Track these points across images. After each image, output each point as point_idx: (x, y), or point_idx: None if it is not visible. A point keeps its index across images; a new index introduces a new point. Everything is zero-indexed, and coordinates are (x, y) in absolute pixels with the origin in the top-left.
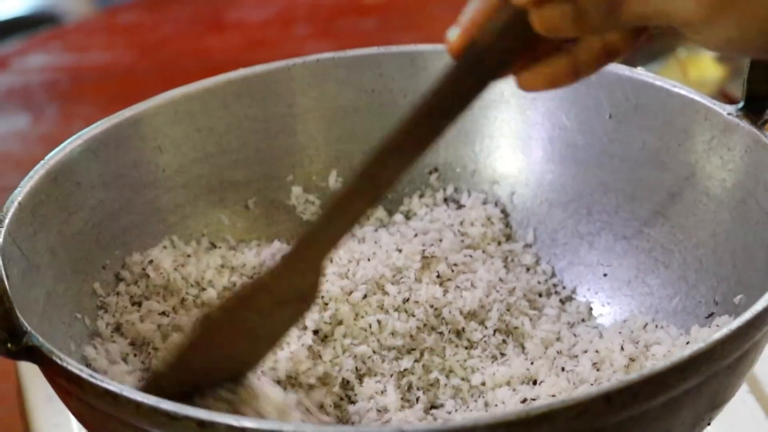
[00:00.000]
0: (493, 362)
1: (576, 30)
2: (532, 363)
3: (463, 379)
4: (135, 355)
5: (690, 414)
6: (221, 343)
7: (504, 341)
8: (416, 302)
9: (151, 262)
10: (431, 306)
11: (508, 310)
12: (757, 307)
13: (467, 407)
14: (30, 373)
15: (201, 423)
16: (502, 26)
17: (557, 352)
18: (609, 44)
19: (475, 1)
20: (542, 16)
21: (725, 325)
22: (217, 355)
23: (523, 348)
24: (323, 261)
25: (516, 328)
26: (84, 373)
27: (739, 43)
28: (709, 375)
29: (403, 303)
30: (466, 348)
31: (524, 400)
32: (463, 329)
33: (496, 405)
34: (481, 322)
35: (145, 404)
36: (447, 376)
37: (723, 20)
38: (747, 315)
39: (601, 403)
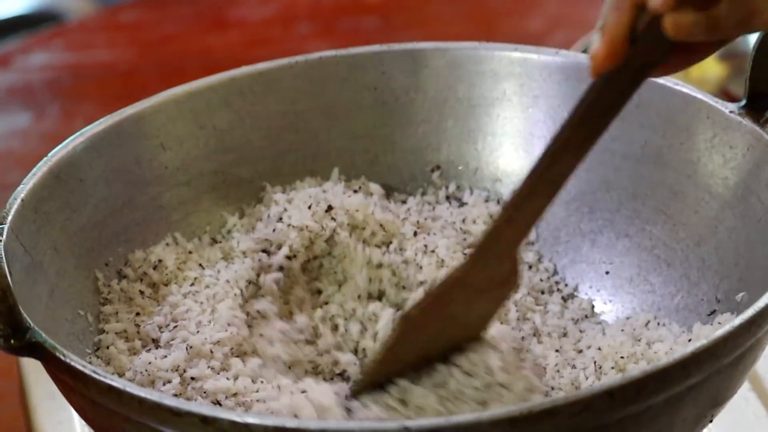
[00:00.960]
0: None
1: (707, 36)
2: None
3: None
4: (137, 352)
5: (692, 411)
6: (425, 335)
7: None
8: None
9: (160, 261)
10: None
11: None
12: (760, 304)
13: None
14: (33, 370)
15: (204, 419)
16: (645, 32)
17: (560, 347)
18: (725, 38)
19: (611, 13)
20: (676, 23)
21: (727, 323)
22: (422, 345)
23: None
24: (515, 251)
25: (527, 320)
26: (87, 369)
27: None
28: (711, 372)
29: (403, 302)
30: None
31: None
32: None
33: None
34: None
35: (148, 400)
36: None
37: None
38: (749, 312)
39: (603, 399)
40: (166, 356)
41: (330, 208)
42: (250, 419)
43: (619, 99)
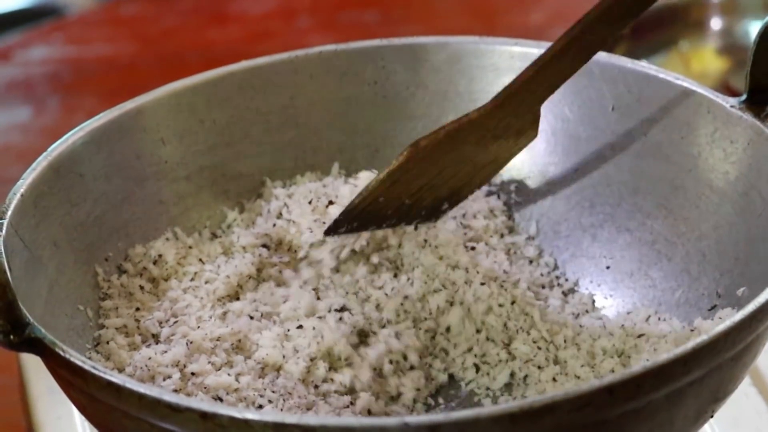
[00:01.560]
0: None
1: None
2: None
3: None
4: (137, 347)
5: (693, 406)
6: (434, 168)
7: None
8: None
9: (160, 256)
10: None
11: (513, 302)
12: (760, 299)
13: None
14: (32, 365)
15: (204, 415)
16: None
17: (560, 342)
18: None
19: None
20: None
21: (728, 318)
22: (430, 178)
23: (529, 333)
24: (539, 106)
25: (527, 314)
26: (86, 364)
27: None
28: (712, 367)
29: (404, 299)
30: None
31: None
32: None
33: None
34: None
35: (148, 396)
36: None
37: None
38: (750, 307)
39: (604, 395)
40: (166, 351)
41: (330, 203)
42: (250, 415)
43: None
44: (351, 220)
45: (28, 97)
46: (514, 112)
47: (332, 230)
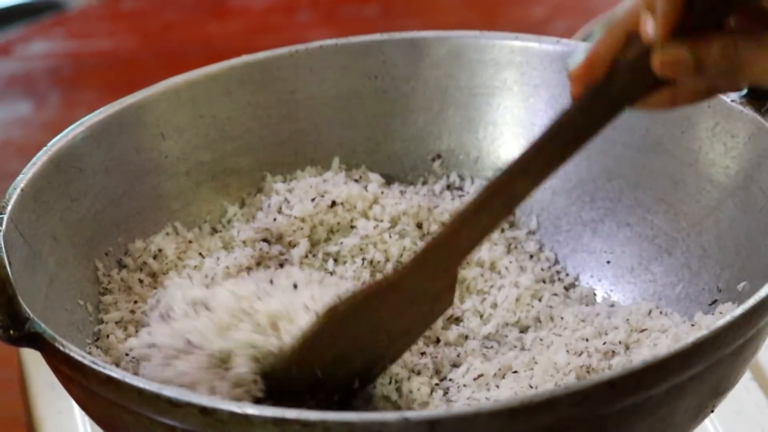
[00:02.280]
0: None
1: (692, 78)
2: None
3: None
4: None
5: (693, 401)
6: (349, 336)
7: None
8: None
9: (160, 251)
10: None
11: (517, 299)
12: (761, 294)
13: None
14: (32, 360)
15: (203, 410)
16: (630, 62)
17: (561, 337)
18: (714, 87)
19: (601, 35)
20: (664, 58)
21: (729, 312)
22: (344, 347)
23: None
24: (456, 268)
25: (530, 309)
26: (86, 359)
27: None
28: (712, 362)
29: None
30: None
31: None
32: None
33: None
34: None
35: (148, 391)
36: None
37: None
38: (751, 302)
39: (604, 390)
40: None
41: (334, 203)
42: (250, 410)
43: (591, 127)
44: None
45: (28, 91)
46: (432, 274)
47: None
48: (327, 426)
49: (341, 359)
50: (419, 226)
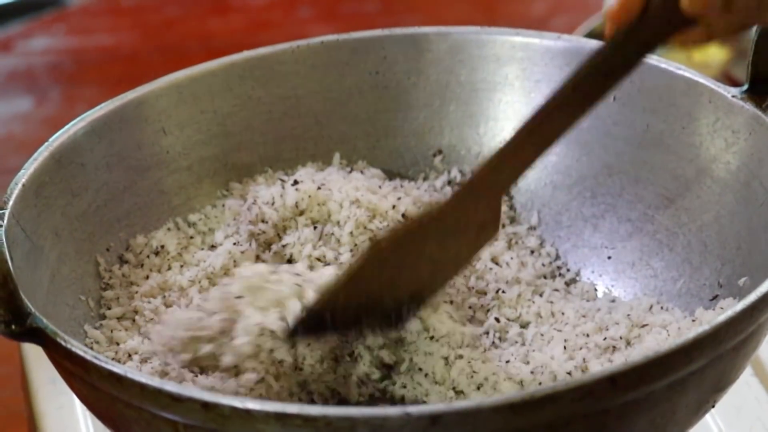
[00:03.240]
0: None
1: (720, 14)
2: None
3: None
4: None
5: (695, 396)
6: (394, 268)
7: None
8: None
9: (162, 246)
10: None
11: (518, 295)
12: (762, 289)
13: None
14: (34, 355)
15: (205, 404)
16: (662, 2)
17: (562, 332)
18: (745, 22)
19: None
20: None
21: (729, 308)
22: (389, 278)
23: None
24: (499, 199)
25: (532, 303)
26: (88, 354)
27: None
28: (713, 357)
29: None
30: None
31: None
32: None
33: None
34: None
35: (150, 386)
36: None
37: None
38: (751, 297)
39: (606, 384)
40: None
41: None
42: (251, 405)
43: (623, 67)
44: (310, 324)
45: (29, 87)
46: (474, 207)
47: (295, 332)
48: (328, 420)
49: (388, 288)
50: None
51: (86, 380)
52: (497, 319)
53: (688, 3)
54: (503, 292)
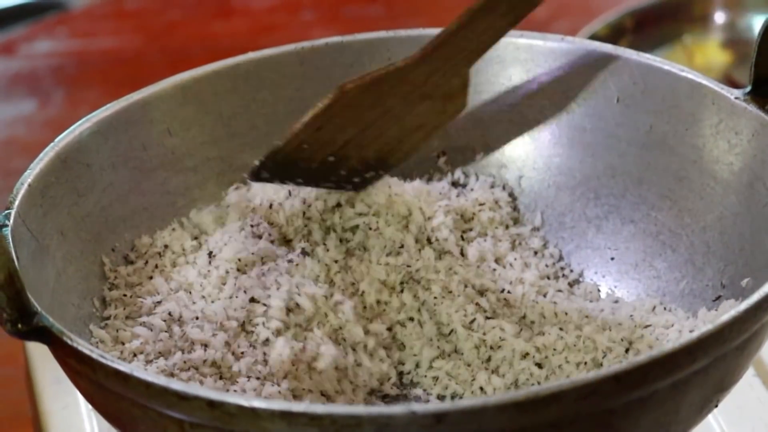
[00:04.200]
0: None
1: None
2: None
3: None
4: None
5: (698, 395)
6: (359, 119)
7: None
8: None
9: (166, 246)
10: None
11: (522, 296)
12: (765, 289)
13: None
14: (38, 355)
15: (211, 403)
16: None
17: (566, 332)
18: None
19: None
20: None
21: (733, 308)
22: (355, 132)
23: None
24: (468, 69)
25: (536, 303)
26: (94, 353)
27: None
28: (716, 357)
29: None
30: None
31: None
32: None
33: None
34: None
35: (156, 384)
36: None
37: None
38: (754, 298)
39: (610, 383)
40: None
41: (339, 204)
42: (257, 403)
43: None
44: (275, 166)
45: (32, 90)
46: (442, 69)
47: (255, 175)
48: (334, 419)
49: (354, 144)
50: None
51: (92, 379)
52: None
53: None
54: (508, 292)
